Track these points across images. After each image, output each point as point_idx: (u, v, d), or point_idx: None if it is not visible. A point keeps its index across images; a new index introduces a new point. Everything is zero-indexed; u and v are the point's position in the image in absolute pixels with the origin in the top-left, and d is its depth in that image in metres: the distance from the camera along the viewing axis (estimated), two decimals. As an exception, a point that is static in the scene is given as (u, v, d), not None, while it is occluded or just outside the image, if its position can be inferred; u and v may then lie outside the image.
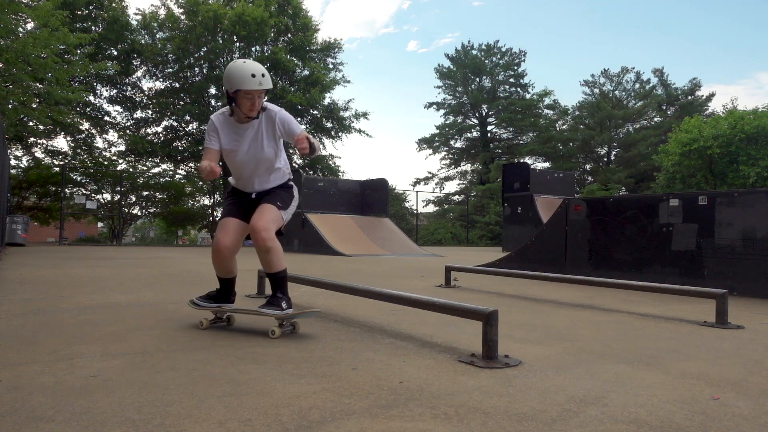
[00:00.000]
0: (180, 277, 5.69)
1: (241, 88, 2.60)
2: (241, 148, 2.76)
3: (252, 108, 2.68)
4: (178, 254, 11.41)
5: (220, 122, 2.78)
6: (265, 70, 2.68)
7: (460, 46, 43.06)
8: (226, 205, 2.93)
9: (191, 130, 23.80)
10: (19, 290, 4.32)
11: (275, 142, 2.80)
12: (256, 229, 2.66)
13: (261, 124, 2.76)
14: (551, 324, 3.13)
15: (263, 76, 2.63)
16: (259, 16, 20.48)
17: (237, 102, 2.67)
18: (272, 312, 2.64)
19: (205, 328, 2.78)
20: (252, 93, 2.63)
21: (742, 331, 3.01)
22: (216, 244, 2.79)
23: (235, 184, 2.94)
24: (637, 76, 34.06)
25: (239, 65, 2.64)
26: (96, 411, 1.50)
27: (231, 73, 2.63)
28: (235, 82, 2.61)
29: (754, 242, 4.56)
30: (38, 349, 2.25)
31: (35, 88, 15.50)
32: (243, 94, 2.63)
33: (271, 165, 2.83)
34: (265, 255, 2.69)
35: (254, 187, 2.88)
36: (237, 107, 2.69)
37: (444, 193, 36.94)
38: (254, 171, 2.82)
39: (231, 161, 2.82)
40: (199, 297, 2.97)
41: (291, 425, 1.42)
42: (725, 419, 1.53)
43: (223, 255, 2.78)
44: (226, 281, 2.94)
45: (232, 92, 2.65)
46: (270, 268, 2.73)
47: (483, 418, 1.50)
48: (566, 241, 6.08)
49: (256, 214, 2.74)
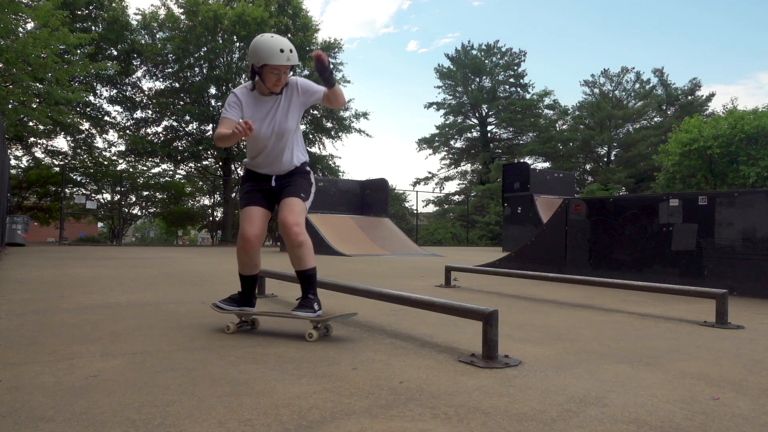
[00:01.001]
0: (180, 277, 5.69)
1: (268, 62, 2.56)
2: (264, 121, 2.70)
3: (277, 83, 2.64)
4: (178, 254, 11.41)
5: (243, 95, 2.72)
6: (293, 45, 2.63)
7: (460, 46, 43.10)
8: (245, 192, 2.83)
9: (191, 130, 23.79)
10: (19, 290, 4.32)
11: (297, 114, 2.78)
12: (288, 224, 2.63)
13: (283, 98, 2.73)
14: (551, 324, 3.13)
15: (291, 52, 2.58)
16: (259, 16, 20.48)
17: (262, 76, 2.62)
18: (306, 315, 2.58)
19: (232, 332, 2.69)
20: (279, 68, 2.58)
21: (742, 331, 3.01)
22: (243, 235, 2.71)
23: (253, 165, 2.84)
24: (637, 76, 34.09)
25: (267, 39, 2.58)
26: (96, 411, 1.50)
27: (258, 47, 2.57)
28: (262, 56, 2.56)
29: (754, 242, 4.56)
30: (38, 349, 2.25)
31: (35, 88, 15.50)
32: (269, 69, 2.58)
33: (291, 140, 2.78)
34: (297, 250, 2.66)
35: (273, 168, 2.79)
36: (261, 81, 2.65)
37: (444, 193, 36.97)
38: (274, 146, 2.74)
39: (251, 136, 2.71)
40: (222, 300, 2.90)
41: (291, 425, 1.42)
42: (725, 419, 1.53)
43: (251, 245, 2.71)
44: (249, 280, 2.87)
45: (259, 66, 2.60)
46: (301, 265, 2.68)
47: (483, 418, 1.50)
48: (566, 241, 6.08)
49: (284, 209, 2.70)
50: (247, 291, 2.88)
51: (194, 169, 25.44)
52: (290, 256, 2.70)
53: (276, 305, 3.68)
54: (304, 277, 2.71)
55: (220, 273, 6.35)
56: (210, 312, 3.33)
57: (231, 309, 2.83)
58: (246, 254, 2.76)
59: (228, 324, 2.74)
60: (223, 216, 23.58)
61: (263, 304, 3.67)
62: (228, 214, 23.14)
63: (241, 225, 2.75)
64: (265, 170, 2.82)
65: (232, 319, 2.86)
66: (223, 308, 2.83)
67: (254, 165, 2.83)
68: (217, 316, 3.19)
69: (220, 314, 3.24)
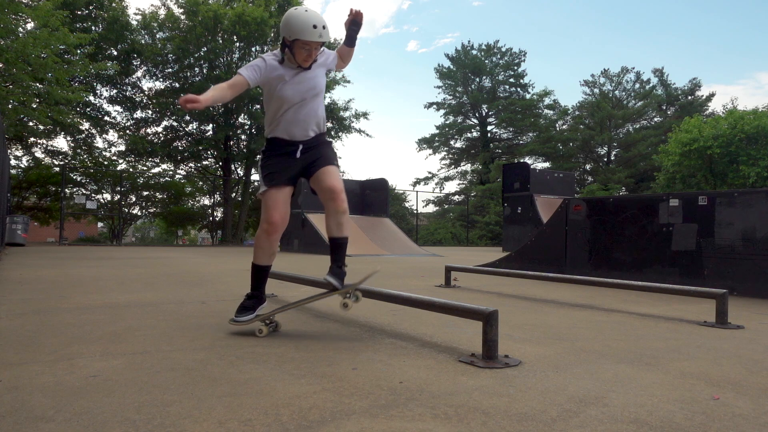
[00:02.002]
0: (180, 277, 5.69)
1: (300, 37, 2.51)
2: (292, 80, 2.64)
3: (307, 59, 2.60)
4: (178, 254, 11.41)
5: (271, 62, 2.63)
6: (326, 21, 2.58)
7: (460, 46, 43.09)
8: (268, 171, 2.68)
9: (191, 130, 23.80)
10: (19, 290, 4.32)
11: (323, 78, 2.76)
12: (337, 191, 2.61)
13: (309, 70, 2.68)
14: (551, 324, 3.13)
15: (324, 28, 2.53)
16: (259, 16, 20.48)
17: (293, 50, 2.58)
18: (337, 283, 2.65)
19: (266, 335, 2.62)
20: (310, 44, 2.55)
21: (742, 331, 3.01)
22: (268, 219, 2.61)
23: (278, 131, 2.70)
24: (637, 76, 34.10)
25: (301, 13, 2.53)
26: (96, 411, 1.50)
27: (291, 21, 2.52)
28: (294, 30, 2.51)
29: (754, 242, 4.56)
30: (38, 349, 2.25)
31: (35, 88, 15.50)
32: (301, 44, 2.54)
33: (318, 102, 2.74)
34: (341, 217, 2.66)
35: (299, 132, 2.69)
36: (291, 55, 2.60)
37: (444, 193, 36.98)
38: (301, 106, 2.67)
39: (278, 96, 2.64)
40: (236, 315, 2.71)
41: (291, 425, 1.42)
42: (725, 419, 1.53)
43: (275, 228, 2.63)
44: (264, 272, 2.76)
45: (290, 40, 2.55)
46: (342, 231, 2.69)
47: (483, 418, 1.50)
48: (566, 241, 6.08)
49: (328, 176, 2.65)
50: (259, 286, 2.77)
51: (194, 169, 25.45)
52: (330, 222, 2.68)
53: (276, 304, 3.67)
54: (340, 244, 2.70)
55: (220, 273, 6.35)
56: (210, 312, 3.33)
57: (248, 318, 2.69)
58: (268, 239, 2.66)
59: (260, 328, 2.64)
60: (223, 216, 23.58)
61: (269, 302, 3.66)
62: (228, 214, 23.14)
63: (266, 208, 2.64)
64: (291, 135, 2.70)
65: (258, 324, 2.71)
66: (241, 321, 2.69)
67: (280, 131, 2.71)
68: (217, 316, 3.19)
69: (220, 314, 3.24)
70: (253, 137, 22.98)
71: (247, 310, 2.70)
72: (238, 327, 2.73)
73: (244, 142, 23.73)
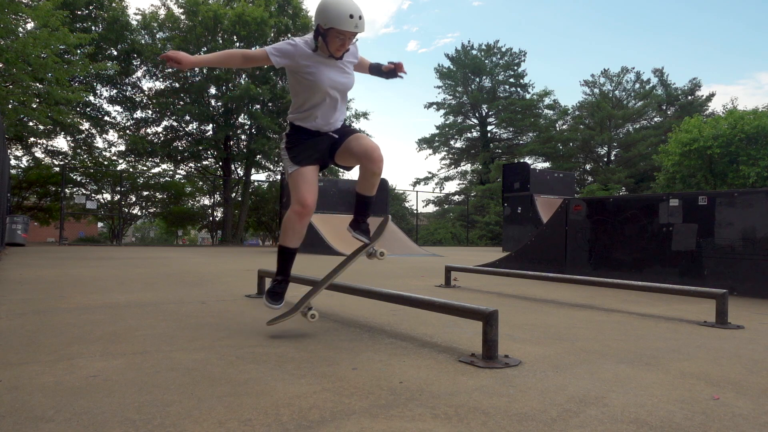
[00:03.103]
0: (180, 277, 5.69)
1: (335, 26, 2.45)
2: (325, 73, 2.60)
3: (340, 48, 2.55)
4: (178, 254, 11.41)
5: (303, 49, 2.58)
6: (363, 11, 2.52)
7: (460, 46, 43.05)
8: (294, 150, 2.65)
9: (191, 130, 23.80)
10: (19, 290, 4.32)
11: (352, 73, 2.76)
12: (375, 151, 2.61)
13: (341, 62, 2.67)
14: (551, 324, 3.13)
15: (360, 19, 2.47)
16: (259, 16, 20.49)
17: (326, 39, 2.52)
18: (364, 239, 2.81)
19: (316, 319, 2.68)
20: (345, 34, 2.49)
21: (742, 331, 3.01)
22: (302, 200, 2.56)
23: (304, 119, 2.68)
24: (637, 76, 34.10)
25: (339, 2, 2.46)
26: (96, 411, 1.50)
27: (328, 9, 2.46)
28: (330, 19, 2.45)
29: (754, 242, 4.56)
30: (38, 349, 2.25)
31: (35, 88, 15.50)
32: (336, 32, 2.48)
33: (346, 96, 2.74)
34: (376, 179, 2.71)
35: (326, 123, 2.68)
36: (324, 43, 2.54)
37: (444, 193, 36.98)
38: (332, 101, 2.65)
39: (309, 87, 2.60)
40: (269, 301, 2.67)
41: (291, 425, 1.42)
42: (725, 419, 1.53)
43: (309, 210, 2.57)
44: (292, 254, 2.71)
45: (325, 28, 2.49)
46: (373, 190, 2.76)
47: (483, 418, 1.50)
48: (566, 241, 6.08)
49: (362, 140, 2.65)
50: (287, 269, 2.72)
51: (194, 169, 25.45)
52: (365, 183, 2.73)
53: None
54: (368, 202, 2.80)
55: (220, 273, 6.35)
56: (210, 312, 3.33)
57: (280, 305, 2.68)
58: (301, 221, 2.60)
59: (313, 313, 2.65)
60: (223, 216, 23.58)
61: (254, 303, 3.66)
62: (228, 214, 23.14)
63: (297, 188, 2.59)
64: (318, 128, 2.68)
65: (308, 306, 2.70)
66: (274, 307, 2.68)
67: (308, 123, 2.68)
68: (217, 316, 3.19)
69: (220, 314, 3.24)
70: (253, 137, 22.99)
71: (278, 296, 2.69)
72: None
73: (244, 142, 23.74)
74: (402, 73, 2.84)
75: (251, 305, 3.66)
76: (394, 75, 2.84)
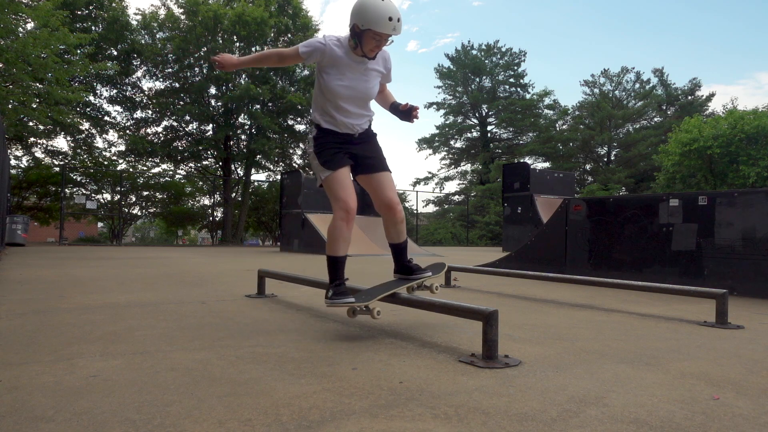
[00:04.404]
0: (180, 277, 5.69)
1: (373, 28, 2.44)
2: (353, 79, 2.61)
3: (374, 50, 2.55)
4: (178, 254, 11.41)
5: (334, 47, 2.57)
6: (400, 13, 2.51)
7: (460, 46, 43.10)
8: (324, 154, 2.62)
9: (191, 130, 23.80)
10: (19, 290, 4.32)
11: (379, 79, 2.76)
12: (394, 204, 2.72)
13: (373, 62, 2.67)
14: (551, 324, 3.13)
15: (398, 21, 2.47)
16: (259, 16, 20.50)
17: (362, 39, 2.51)
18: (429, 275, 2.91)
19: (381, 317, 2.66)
20: (382, 36, 2.48)
21: (742, 331, 3.01)
22: (346, 206, 2.53)
23: (332, 125, 2.67)
24: (637, 76, 34.11)
25: (378, 3, 2.44)
26: (96, 411, 1.50)
27: (368, 9, 2.44)
28: (369, 20, 2.43)
29: (754, 242, 4.56)
30: (38, 349, 2.25)
31: (35, 88, 15.51)
32: (372, 34, 2.47)
33: (371, 102, 2.76)
34: (400, 226, 2.79)
35: (352, 126, 2.68)
36: (359, 44, 2.53)
37: (444, 193, 36.99)
38: (356, 105, 2.66)
39: (336, 92, 2.60)
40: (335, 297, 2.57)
41: (291, 425, 1.42)
42: (725, 419, 1.53)
43: (353, 216, 2.55)
44: (343, 261, 2.63)
45: (362, 29, 2.47)
46: (401, 237, 2.85)
47: (483, 418, 1.50)
48: (566, 241, 6.08)
49: (387, 188, 2.72)
50: (341, 275, 2.63)
51: (194, 169, 25.45)
52: (390, 231, 2.82)
53: (277, 305, 3.68)
54: (402, 248, 2.87)
55: (220, 273, 6.35)
56: (210, 312, 3.33)
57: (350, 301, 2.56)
58: (348, 227, 2.56)
59: (377, 310, 2.59)
60: (223, 216, 23.58)
61: (269, 302, 3.67)
62: (228, 214, 23.14)
63: (336, 194, 2.56)
64: (347, 129, 2.68)
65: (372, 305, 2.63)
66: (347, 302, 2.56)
67: (337, 124, 2.67)
68: (217, 316, 3.19)
69: (220, 314, 3.24)
70: (253, 137, 22.99)
71: (346, 294, 2.61)
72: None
73: (244, 142, 23.73)
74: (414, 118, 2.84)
75: (251, 305, 3.66)
76: (408, 116, 2.83)
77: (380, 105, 2.97)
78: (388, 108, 2.94)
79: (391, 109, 2.92)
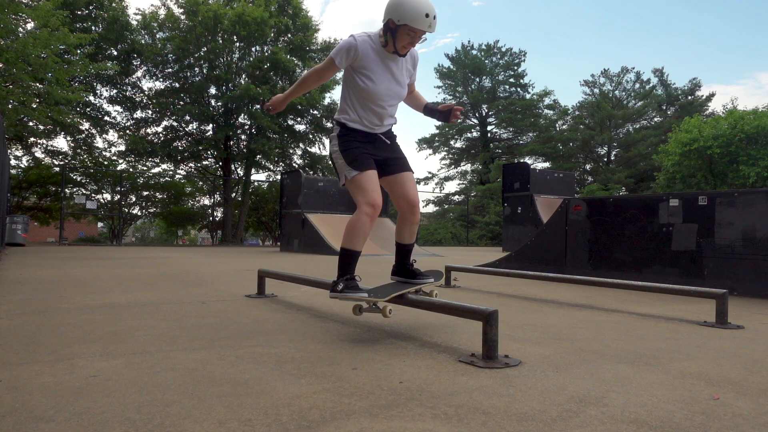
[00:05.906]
0: (180, 277, 5.69)
1: (409, 24, 2.42)
2: (384, 77, 2.60)
3: (407, 46, 2.53)
4: (178, 254, 11.42)
5: (364, 45, 2.55)
6: (436, 10, 2.48)
7: (460, 46, 43.10)
8: (350, 153, 2.60)
9: (191, 130, 23.80)
10: (19, 290, 4.32)
11: (409, 78, 2.77)
12: (416, 204, 2.76)
13: (403, 60, 2.66)
14: (551, 324, 3.13)
15: (434, 18, 2.44)
16: (259, 16, 20.50)
17: (396, 35, 2.48)
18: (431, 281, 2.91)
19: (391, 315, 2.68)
20: (417, 33, 2.46)
21: (742, 331, 3.01)
22: (373, 202, 2.52)
23: (356, 122, 2.66)
24: (637, 76, 34.09)
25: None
26: (96, 411, 1.50)
27: (404, 5, 2.41)
28: (405, 15, 2.41)
29: (754, 242, 4.56)
30: (38, 349, 2.25)
31: (35, 88, 15.51)
32: (407, 30, 2.45)
33: (400, 102, 2.76)
34: (415, 227, 2.83)
35: (378, 126, 2.68)
36: (392, 39, 2.51)
37: (444, 193, 36.99)
38: (386, 105, 2.65)
39: (366, 90, 2.58)
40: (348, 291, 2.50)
41: (291, 425, 1.42)
42: (725, 419, 1.53)
43: (378, 213, 2.54)
44: (358, 255, 2.60)
45: (397, 24, 2.45)
46: (412, 239, 2.89)
47: (483, 418, 1.50)
48: (566, 241, 6.08)
49: (410, 188, 2.74)
50: (353, 270, 2.59)
51: (194, 169, 25.45)
52: (404, 230, 2.84)
53: (277, 305, 3.68)
54: (409, 250, 2.90)
55: (220, 273, 6.35)
56: (210, 312, 3.33)
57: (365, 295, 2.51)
58: (371, 223, 2.55)
59: (390, 309, 2.58)
60: (223, 216, 23.58)
61: (269, 302, 3.67)
62: (228, 214, 23.14)
63: (363, 191, 2.54)
64: (373, 128, 2.68)
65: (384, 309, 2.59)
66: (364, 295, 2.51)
67: (364, 125, 2.66)
68: (217, 316, 3.19)
69: (220, 314, 3.24)
70: (253, 137, 22.99)
71: (358, 288, 2.55)
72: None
73: (244, 142, 23.73)
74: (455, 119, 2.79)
75: (251, 305, 3.66)
76: (448, 117, 2.79)
77: (411, 106, 2.94)
78: (421, 110, 2.90)
79: (425, 111, 2.87)
